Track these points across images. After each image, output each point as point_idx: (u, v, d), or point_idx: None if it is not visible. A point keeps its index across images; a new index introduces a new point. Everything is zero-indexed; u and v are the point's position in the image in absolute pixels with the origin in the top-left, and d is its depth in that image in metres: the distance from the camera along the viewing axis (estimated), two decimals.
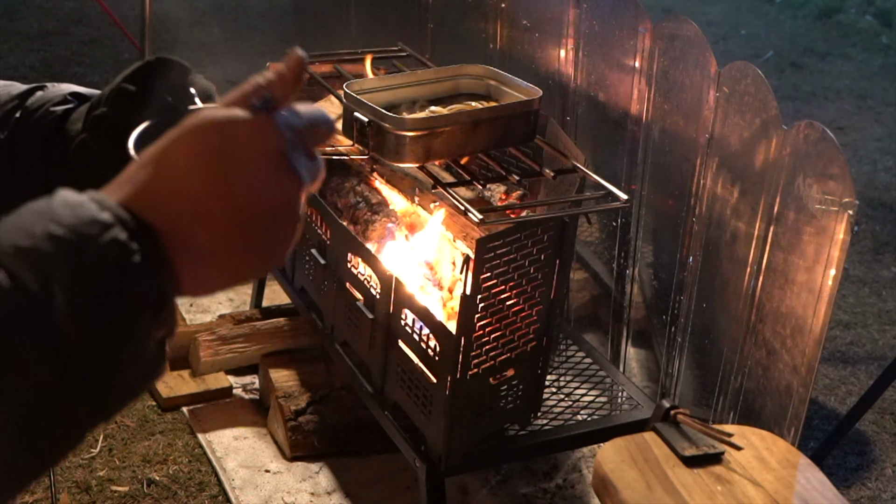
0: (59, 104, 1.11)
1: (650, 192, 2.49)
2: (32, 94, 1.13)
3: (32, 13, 6.24)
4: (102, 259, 0.65)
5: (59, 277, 0.63)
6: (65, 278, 0.63)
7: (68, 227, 0.65)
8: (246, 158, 0.69)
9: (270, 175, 0.70)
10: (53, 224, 0.65)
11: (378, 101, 2.21)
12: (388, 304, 2.25)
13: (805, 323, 1.92)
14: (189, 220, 0.69)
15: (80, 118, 1.10)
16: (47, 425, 0.64)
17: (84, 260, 0.64)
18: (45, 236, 0.64)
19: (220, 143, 0.69)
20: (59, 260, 0.64)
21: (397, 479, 2.59)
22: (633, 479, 1.63)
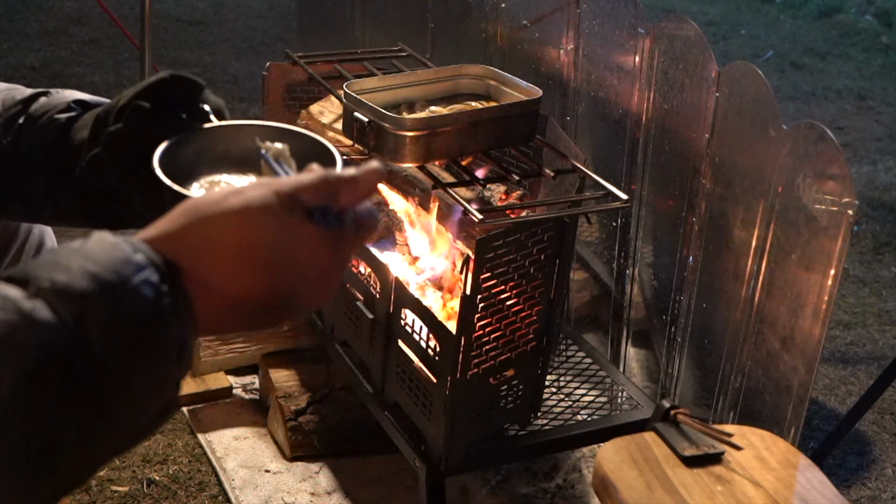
0: (63, 112, 1.11)
1: (650, 192, 2.49)
2: (36, 100, 1.13)
3: (32, 13, 6.24)
4: (135, 300, 0.66)
5: (95, 314, 0.64)
6: (100, 315, 0.64)
7: (104, 266, 0.65)
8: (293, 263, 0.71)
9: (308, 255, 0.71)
10: (89, 262, 0.65)
11: (378, 101, 2.21)
12: (388, 304, 2.25)
13: (805, 323, 1.92)
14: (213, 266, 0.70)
15: (84, 126, 1.09)
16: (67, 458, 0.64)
17: (118, 299, 0.65)
18: (81, 273, 0.65)
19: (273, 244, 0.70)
20: (95, 297, 0.65)
21: (397, 479, 2.59)
22: (633, 479, 1.63)
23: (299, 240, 0.70)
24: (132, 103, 1.06)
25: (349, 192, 0.73)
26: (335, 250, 0.72)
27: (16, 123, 1.11)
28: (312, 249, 0.71)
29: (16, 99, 1.13)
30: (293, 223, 0.70)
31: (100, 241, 0.68)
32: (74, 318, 0.63)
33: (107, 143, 1.05)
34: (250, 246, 0.69)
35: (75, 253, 0.67)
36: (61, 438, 0.63)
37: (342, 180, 0.72)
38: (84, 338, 0.63)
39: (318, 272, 0.72)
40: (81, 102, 1.13)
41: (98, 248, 0.67)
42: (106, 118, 1.08)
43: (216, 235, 0.69)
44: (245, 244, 0.69)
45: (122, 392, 0.65)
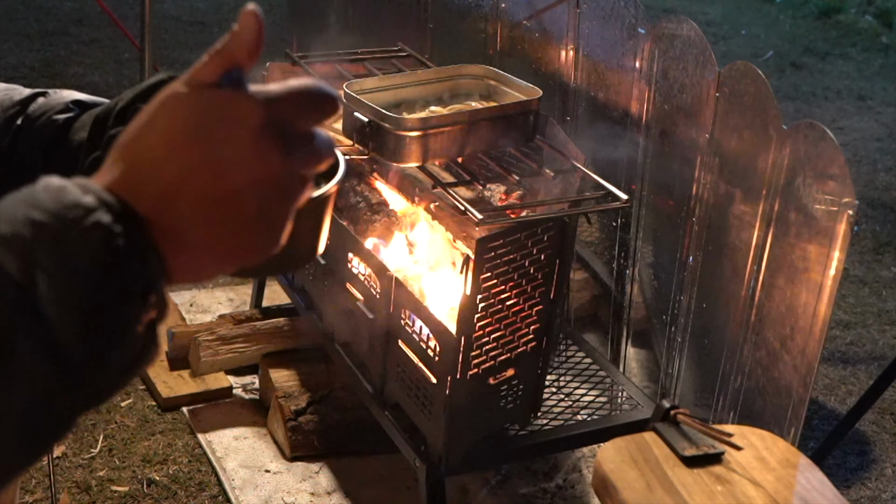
0: (62, 112, 1.11)
1: (650, 192, 2.49)
2: (34, 101, 1.13)
3: (32, 13, 6.24)
4: (86, 243, 0.63)
5: (42, 264, 0.62)
6: (48, 265, 0.62)
7: (49, 212, 0.63)
8: (223, 135, 0.67)
9: (252, 151, 0.67)
10: (34, 209, 0.63)
11: (378, 101, 2.21)
12: (388, 304, 2.25)
13: (805, 323, 1.92)
14: (171, 202, 0.67)
15: (83, 127, 1.09)
16: (39, 413, 0.63)
17: (66, 245, 0.63)
18: (25, 222, 0.63)
19: (195, 121, 0.67)
20: (41, 246, 0.62)
21: (397, 479, 2.59)
22: (633, 479, 1.63)
23: (217, 107, 0.67)
24: (132, 106, 1.05)
25: (236, 46, 0.69)
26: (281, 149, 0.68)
27: (14, 125, 1.11)
28: (236, 116, 0.67)
29: (14, 100, 1.13)
30: (200, 95, 0.67)
31: (47, 186, 0.65)
32: (20, 270, 0.62)
33: (107, 146, 1.05)
34: (174, 132, 0.67)
35: (21, 202, 0.64)
36: (28, 392, 0.62)
37: (225, 46, 0.69)
38: (34, 289, 0.62)
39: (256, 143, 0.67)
40: (80, 103, 1.13)
41: (45, 195, 0.65)
42: (105, 119, 1.07)
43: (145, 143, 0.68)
44: (169, 133, 0.67)
45: (82, 341, 0.64)
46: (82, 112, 1.12)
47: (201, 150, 0.67)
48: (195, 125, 0.67)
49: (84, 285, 0.64)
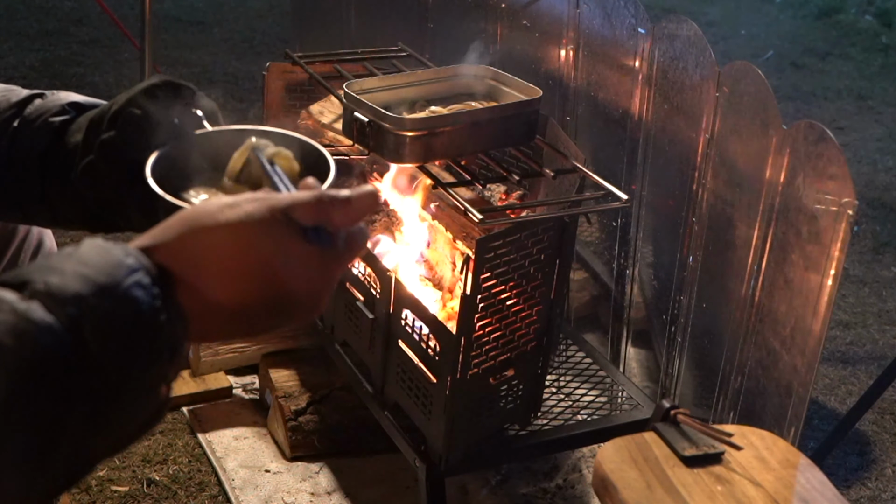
0: (58, 115, 1.11)
1: (650, 192, 2.49)
2: (31, 103, 1.13)
3: (32, 13, 6.24)
4: (128, 301, 0.67)
5: (89, 315, 0.65)
6: (94, 316, 0.66)
7: (96, 268, 0.67)
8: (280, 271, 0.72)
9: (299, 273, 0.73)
10: (82, 265, 0.67)
11: (378, 101, 2.21)
12: (388, 304, 2.25)
13: (805, 323, 1.92)
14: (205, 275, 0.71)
15: (79, 129, 1.09)
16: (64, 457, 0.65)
17: (111, 300, 0.66)
18: (74, 275, 0.66)
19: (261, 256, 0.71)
20: (88, 298, 0.66)
21: (397, 479, 2.59)
22: (633, 479, 1.63)
23: (292, 257, 0.72)
24: (125, 110, 1.06)
25: (342, 213, 0.74)
26: (325, 268, 0.74)
27: (10, 127, 1.11)
28: (304, 267, 0.72)
29: (11, 101, 1.13)
30: (287, 241, 0.72)
31: (92, 245, 0.69)
32: (69, 319, 0.64)
33: (100, 150, 1.06)
34: (243, 260, 0.71)
35: (68, 257, 0.68)
36: (58, 438, 0.64)
37: (336, 201, 0.74)
38: (79, 338, 0.64)
39: (308, 289, 0.73)
40: (76, 105, 1.13)
41: (90, 252, 0.69)
42: (100, 123, 1.08)
43: (210, 247, 0.71)
44: (238, 258, 0.71)
45: (117, 392, 0.66)
46: (78, 115, 1.12)
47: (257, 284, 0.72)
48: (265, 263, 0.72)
49: (124, 340, 0.67)
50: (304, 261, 0.72)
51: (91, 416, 0.65)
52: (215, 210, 0.72)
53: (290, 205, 0.73)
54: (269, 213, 0.72)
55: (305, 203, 0.73)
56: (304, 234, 0.73)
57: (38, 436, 0.63)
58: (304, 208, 0.73)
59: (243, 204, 0.72)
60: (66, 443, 0.65)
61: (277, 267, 0.71)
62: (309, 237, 0.73)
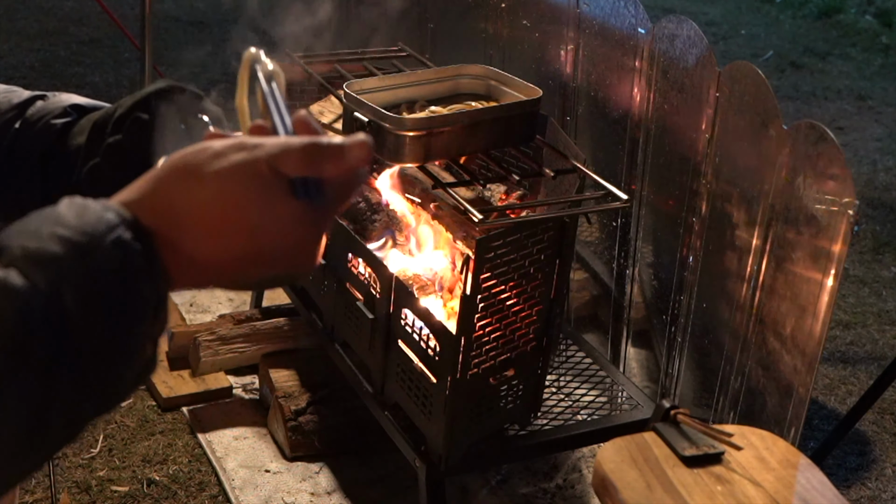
0: (59, 117, 1.11)
1: (650, 192, 2.49)
2: (33, 104, 1.13)
3: (32, 13, 6.24)
4: (108, 259, 0.66)
5: (68, 277, 0.64)
6: (73, 278, 0.65)
7: (74, 228, 0.66)
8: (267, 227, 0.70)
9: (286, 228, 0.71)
10: (59, 226, 0.66)
11: (378, 101, 2.21)
12: (388, 304, 2.25)
13: (805, 323, 1.92)
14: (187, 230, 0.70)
15: (81, 132, 1.09)
16: (53, 419, 0.65)
17: (90, 260, 0.65)
18: (51, 237, 0.65)
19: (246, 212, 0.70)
20: (67, 260, 0.65)
21: (397, 479, 2.59)
22: (633, 479, 1.63)
23: (278, 213, 0.70)
24: (131, 114, 1.06)
25: (333, 164, 0.72)
26: (314, 222, 0.71)
27: (12, 128, 1.11)
28: (291, 223, 0.70)
29: (12, 103, 1.13)
30: (272, 196, 0.70)
31: (70, 204, 0.68)
32: (48, 283, 0.64)
33: (106, 154, 1.06)
34: (227, 215, 0.69)
35: (45, 219, 0.67)
36: (47, 403, 0.64)
37: (329, 150, 0.71)
38: (59, 301, 0.63)
39: (296, 244, 0.71)
40: (78, 107, 1.13)
41: (67, 211, 0.67)
42: (104, 126, 1.07)
43: (193, 201, 0.69)
44: (221, 213, 0.69)
45: (101, 352, 0.66)
46: (80, 117, 1.12)
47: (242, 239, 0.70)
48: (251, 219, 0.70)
49: (106, 301, 0.66)
50: (291, 216, 0.70)
51: (77, 378, 0.65)
52: (203, 160, 0.70)
53: (276, 156, 0.70)
54: (255, 167, 0.69)
55: (294, 154, 0.70)
56: (292, 186, 0.70)
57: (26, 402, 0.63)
58: (293, 159, 0.70)
59: (230, 153, 0.70)
60: (55, 407, 0.64)
61: (262, 223, 0.70)
62: (297, 190, 0.70)
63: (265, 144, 0.71)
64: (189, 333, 2.95)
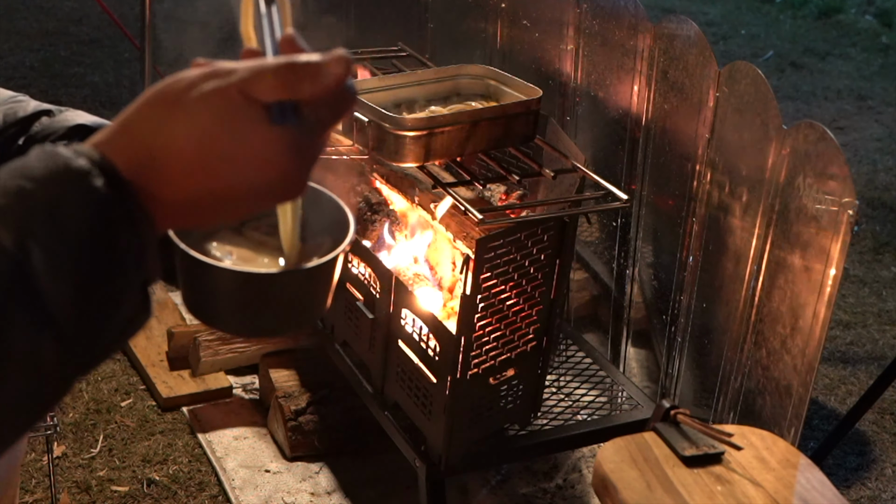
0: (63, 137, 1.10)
1: (650, 192, 2.49)
2: (37, 120, 1.12)
3: (32, 13, 6.24)
4: (78, 211, 0.63)
5: (36, 234, 0.62)
6: (41, 235, 0.62)
7: (39, 181, 0.63)
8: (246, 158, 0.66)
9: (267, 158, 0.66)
10: (25, 179, 0.63)
11: (378, 101, 2.21)
12: (388, 304, 2.25)
13: (805, 323, 1.92)
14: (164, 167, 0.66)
15: None
16: (35, 381, 0.64)
17: (59, 214, 0.63)
18: (16, 192, 0.62)
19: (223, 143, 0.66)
20: (33, 216, 0.62)
21: (397, 479, 2.59)
22: (633, 479, 1.63)
23: (254, 143, 0.66)
24: None
25: (311, 83, 0.67)
26: (297, 150, 0.67)
27: (14, 144, 1.10)
28: (271, 152, 0.66)
29: (17, 116, 1.12)
30: (246, 125, 0.66)
31: (40, 153, 0.65)
32: (14, 242, 0.61)
33: None
34: (202, 149, 0.65)
35: (13, 172, 0.64)
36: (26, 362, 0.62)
37: (304, 69, 0.67)
38: (28, 260, 0.61)
39: (281, 173, 0.67)
40: (82, 127, 1.12)
41: (36, 162, 0.64)
42: None
43: (167, 135, 0.66)
44: (196, 147, 0.66)
45: (79, 309, 0.63)
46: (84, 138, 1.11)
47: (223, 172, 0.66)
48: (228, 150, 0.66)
49: (78, 255, 0.63)
50: (269, 144, 0.66)
51: (58, 335, 0.63)
52: (176, 92, 0.67)
53: (248, 81, 0.66)
54: (226, 94, 0.66)
55: (265, 77, 0.66)
56: (269, 112, 0.66)
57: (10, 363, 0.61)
58: (265, 83, 0.66)
59: (202, 83, 0.66)
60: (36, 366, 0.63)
61: (239, 154, 0.66)
62: (273, 116, 0.66)
63: (238, 69, 0.67)
64: (189, 333, 2.95)
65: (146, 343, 3.04)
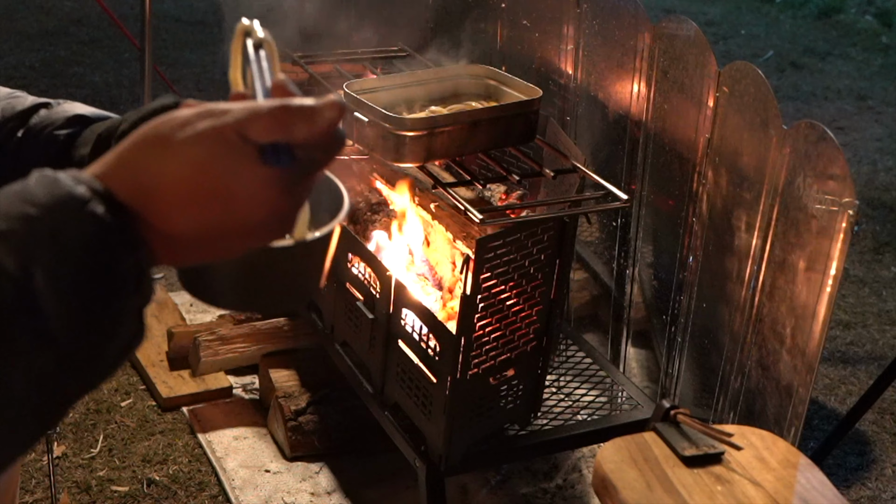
0: (63, 128, 1.10)
1: (650, 192, 2.49)
2: (36, 112, 1.12)
3: (32, 13, 6.24)
4: (80, 236, 0.64)
5: (39, 259, 0.63)
6: (44, 259, 0.63)
7: (43, 206, 0.64)
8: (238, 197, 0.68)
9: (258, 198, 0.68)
10: (28, 204, 0.64)
11: (378, 101, 2.21)
12: (388, 304, 2.25)
13: (805, 323, 1.92)
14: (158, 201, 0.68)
15: (85, 143, 1.09)
16: (36, 401, 0.64)
17: (61, 239, 0.64)
18: (20, 217, 0.63)
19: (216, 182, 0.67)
20: (36, 241, 0.63)
21: (397, 479, 2.59)
22: (633, 479, 1.63)
23: (247, 182, 0.67)
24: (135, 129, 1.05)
25: (304, 126, 0.69)
26: (287, 189, 0.69)
27: (14, 137, 1.10)
28: (262, 190, 0.68)
29: (16, 110, 1.12)
30: (240, 165, 0.67)
31: (40, 178, 0.66)
32: (17, 266, 0.62)
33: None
34: (195, 186, 0.67)
35: (15, 197, 0.65)
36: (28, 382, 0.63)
37: (298, 112, 0.68)
38: (31, 284, 0.62)
39: (271, 211, 0.69)
40: (81, 118, 1.12)
41: (37, 188, 0.65)
42: (108, 139, 1.07)
43: (162, 173, 0.67)
44: (189, 184, 0.67)
45: (79, 331, 0.64)
46: (83, 128, 1.11)
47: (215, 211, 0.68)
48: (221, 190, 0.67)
49: (79, 279, 0.64)
50: (262, 184, 0.67)
51: (59, 358, 0.64)
52: (170, 130, 0.68)
53: (243, 122, 0.67)
54: (222, 133, 0.67)
55: (261, 119, 0.67)
56: (262, 153, 0.67)
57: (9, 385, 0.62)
58: (260, 125, 0.67)
59: (197, 121, 0.68)
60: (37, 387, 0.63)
61: (232, 191, 0.67)
62: (266, 157, 0.67)
63: (233, 110, 0.68)
64: (189, 333, 2.95)
65: (146, 343, 3.05)
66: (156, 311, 3.21)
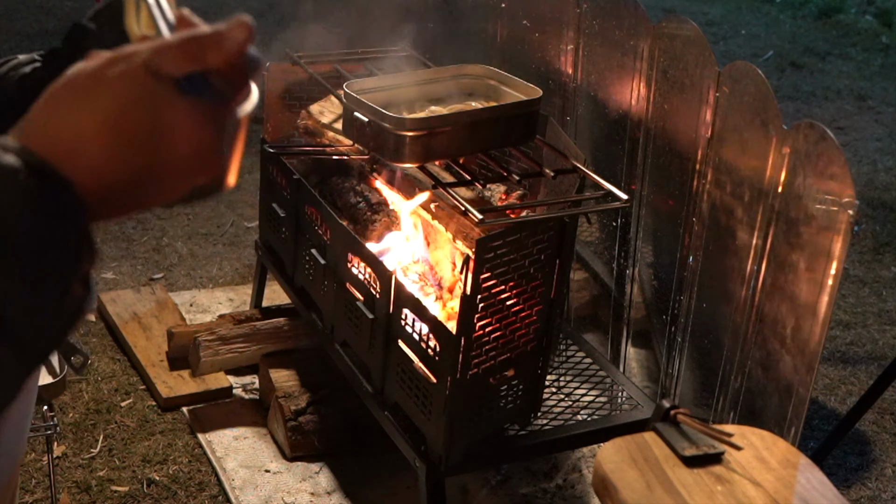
0: (28, 63, 1.11)
1: (650, 192, 2.49)
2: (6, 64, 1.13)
3: (32, 13, 6.24)
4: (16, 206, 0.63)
5: None
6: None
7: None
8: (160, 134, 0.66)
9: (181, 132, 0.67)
10: None
11: (378, 101, 2.21)
12: (388, 304, 2.25)
13: (805, 323, 1.92)
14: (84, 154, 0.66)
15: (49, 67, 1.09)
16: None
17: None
18: None
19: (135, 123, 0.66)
20: None
21: (397, 479, 2.59)
22: (633, 479, 1.63)
23: (167, 118, 0.66)
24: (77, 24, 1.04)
25: (216, 51, 0.67)
26: (210, 120, 0.68)
27: None
28: (186, 124, 0.67)
29: None
30: (157, 101, 0.66)
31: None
32: None
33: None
34: (119, 130, 0.66)
35: None
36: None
37: (206, 38, 0.67)
38: None
39: (197, 144, 0.67)
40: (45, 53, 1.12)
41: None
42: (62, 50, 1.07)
43: (82, 123, 0.66)
44: (113, 129, 0.66)
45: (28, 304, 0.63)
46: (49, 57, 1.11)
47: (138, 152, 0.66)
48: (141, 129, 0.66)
49: (20, 250, 0.63)
50: (183, 117, 0.66)
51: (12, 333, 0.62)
52: (82, 81, 0.67)
53: (153, 59, 0.66)
54: (134, 75, 0.66)
55: (170, 52, 0.66)
56: (178, 86, 0.66)
57: None
58: (170, 58, 0.66)
59: (107, 70, 0.66)
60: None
61: (154, 131, 0.66)
62: (183, 89, 0.66)
63: (140, 50, 0.67)
64: (189, 333, 2.95)
65: (146, 343, 3.05)
66: (156, 311, 3.21)
